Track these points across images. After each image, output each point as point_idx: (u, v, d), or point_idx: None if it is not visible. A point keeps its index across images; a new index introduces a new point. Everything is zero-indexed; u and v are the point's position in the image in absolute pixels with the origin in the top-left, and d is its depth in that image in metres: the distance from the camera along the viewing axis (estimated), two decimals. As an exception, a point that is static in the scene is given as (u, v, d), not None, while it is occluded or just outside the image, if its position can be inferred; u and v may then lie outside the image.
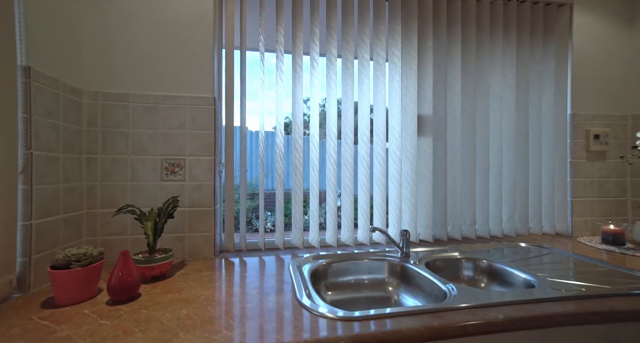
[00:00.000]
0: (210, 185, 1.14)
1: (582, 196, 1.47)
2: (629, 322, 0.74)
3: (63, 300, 0.72)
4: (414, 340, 0.62)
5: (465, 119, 1.39)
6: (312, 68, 1.26)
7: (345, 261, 1.12)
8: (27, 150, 0.80)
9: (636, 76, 1.48)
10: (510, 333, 0.68)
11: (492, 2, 1.41)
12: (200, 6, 1.13)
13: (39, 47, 0.84)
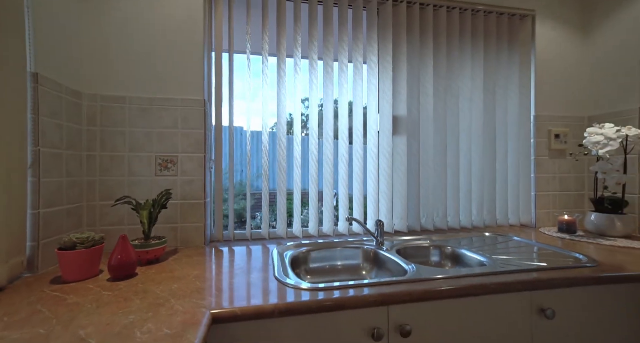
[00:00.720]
0: (201, 180, 1.24)
1: (545, 190, 1.61)
2: (551, 289, 0.86)
3: (69, 277, 0.82)
4: (369, 303, 0.74)
5: (437, 120, 1.52)
6: (295, 72, 1.37)
7: (324, 249, 1.24)
8: (35, 147, 0.90)
9: (592, 80, 1.62)
10: (450, 300, 0.80)
11: (461, 12, 1.54)
12: (191, 16, 1.23)
13: (45, 55, 0.94)
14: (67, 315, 0.63)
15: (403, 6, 1.46)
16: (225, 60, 1.33)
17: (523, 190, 1.62)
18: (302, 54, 1.38)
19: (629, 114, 1.45)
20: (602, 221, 1.36)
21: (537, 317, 0.86)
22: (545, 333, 0.86)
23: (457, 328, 0.81)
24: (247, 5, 1.33)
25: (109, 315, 0.64)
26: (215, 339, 0.68)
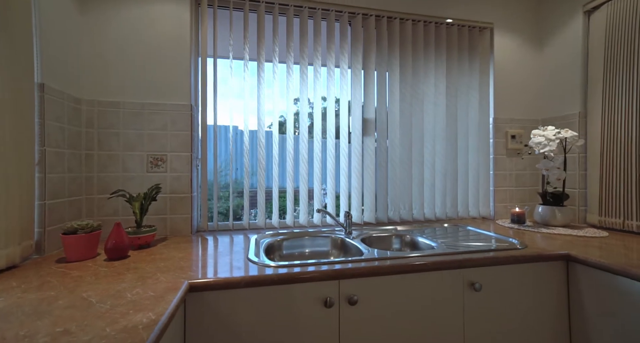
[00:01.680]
0: (188, 176, 1.39)
1: (502, 186, 1.78)
2: (480, 267, 1.03)
3: (72, 258, 0.97)
4: (323, 278, 0.90)
5: (404, 121, 1.68)
6: (273, 78, 1.53)
7: (298, 238, 1.40)
8: (42, 147, 1.04)
9: (544, 87, 1.79)
10: (392, 276, 0.96)
11: (426, 25, 1.70)
12: (178, 31, 1.38)
13: (50, 67, 1.08)
14: (72, 284, 0.78)
15: (372, 19, 1.61)
16: (222, 66, 1.48)
17: (483, 186, 1.78)
18: (280, 60, 1.54)
19: (572, 118, 1.62)
20: (546, 212, 1.53)
21: (468, 290, 1.02)
22: (474, 303, 1.02)
23: (399, 299, 0.97)
24: (230, 19, 1.48)
25: (106, 284, 0.79)
26: (193, 305, 0.83)
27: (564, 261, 1.11)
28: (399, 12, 1.63)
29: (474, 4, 1.73)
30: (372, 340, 0.94)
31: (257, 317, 0.87)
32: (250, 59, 1.50)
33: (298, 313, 0.89)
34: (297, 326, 0.89)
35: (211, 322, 0.84)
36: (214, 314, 0.84)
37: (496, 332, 1.04)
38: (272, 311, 0.88)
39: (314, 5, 1.53)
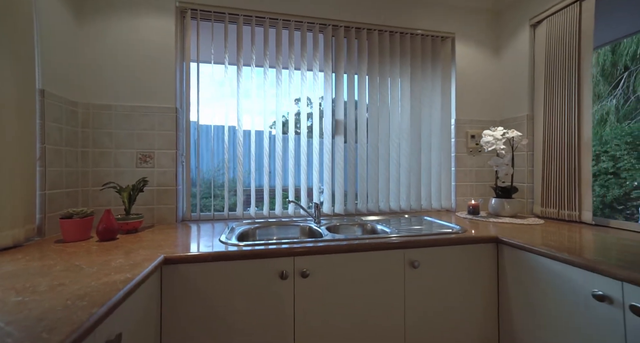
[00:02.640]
0: (173, 171, 1.56)
1: (463, 181, 1.95)
2: (419, 248, 1.20)
3: (68, 239, 1.14)
4: (280, 254, 1.06)
5: (372, 122, 1.85)
6: (251, 82, 1.69)
7: (271, 226, 1.57)
8: (42, 145, 1.21)
9: (500, 91, 1.96)
10: (341, 254, 1.13)
11: (392, 35, 1.87)
12: (165, 41, 1.55)
13: (49, 75, 1.25)
14: (67, 257, 0.95)
15: (342, 30, 1.78)
16: (206, 71, 1.64)
17: (445, 181, 1.95)
18: (266, 66, 1.70)
19: (522, 120, 1.79)
20: (497, 204, 1.70)
21: (408, 267, 1.19)
22: (413, 278, 1.19)
23: (347, 274, 1.14)
24: (211, 29, 1.65)
25: (95, 256, 0.96)
26: (169, 276, 1.00)
27: (494, 244, 1.28)
28: (366, 23, 1.80)
29: (436, 16, 1.90)
30: (322, 308, 1.11)
31: (223, 287, 1.04)
32: (230, 63, 1.67)
33: (259, 284, 1.06)
34: (258, 295, 1.06)
35: (184, 290, 1.01)
36: (186, 283, 1.01)
37: (433, 303, 1.21)
38: (237, 282, 1.05)
39: (288, 17, 1.70)
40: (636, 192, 4.32)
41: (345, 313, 1.13)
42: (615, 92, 5.00)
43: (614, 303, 0.85)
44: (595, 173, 5.04)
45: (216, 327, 1.03)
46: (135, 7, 1.52)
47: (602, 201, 4.97)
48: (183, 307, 1.01)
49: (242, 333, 1.05)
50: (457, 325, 1.23)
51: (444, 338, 1.22)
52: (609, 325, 0.87)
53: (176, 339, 1.00)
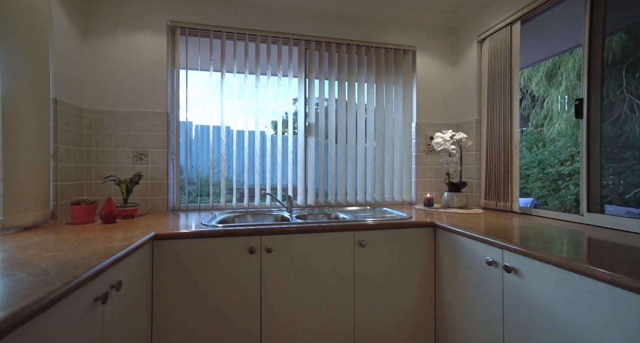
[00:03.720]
0: (164, 167, 1.81)
1: (423, 178, 2.21)
2: (367, 231, 1.45)
3: (76, 221, 1.39)
4: (249, 233, 1.32)
5: (340, 124, 2.11)
6: (233, 87, 1.94)
7: (249, 215, 1.82)
8: (55, 144, 1.46)
9: (456, 98, 2.22)
10: (300, 234, 1.38)
11: (359, 48, 2.12)
12: (158, 56, 1.79)
13: (60, 85, 1.50)
14: (78, 233, 1.20)
15: (313, 43, 2.04)
16: (194, 78, 1.89)
17: (406, 177, 2.21)
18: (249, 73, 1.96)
19: (472, 124, 2.05)
20: (448, 198, 1.96)
21: (357, 246, 1.45)
22: (362, 255, 1.45)
23: (306, 250, 1.39)
24: (198, 44, 1.90)
25: (100, 233, 1.21)
26: (159, 249, 1.25)
27: (432, 228, 1.54)
28: (336, 38, 2.05)
29: (400, 32, 2.16)
30: (283, 277, 1.37)
31: (204, 259, 1.29)
32: (215, 70, 1.92)
33: (231, 257, 1.32)
34: (231, 266, 1.32)
35: (170, 260, 1.26)
36: (172, 255, 1.27)
37: (378, 275, 1.47)
38: (213, 255, 1.30)
39: (265, 33, 1.95)
40: (605, 190, 4.60)
41: (303, 281, 1.39)
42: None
43: (497, 266, 1.12)
44: (570, 172, 5.33)
45: (195, 288, 1.28)
46: (132, 27, 1.77)
47: (576, 199, 5.26)
48: (170, 272, 1.26)
49: (216, 294, 1.30)
50: (399, 294, 1.49)
51: (388, 304, 1.48)
52: (494, 282, 1.13)
53: (164, 294, 1.26)
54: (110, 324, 0.90)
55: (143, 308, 1.17)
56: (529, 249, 0.99)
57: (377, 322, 1.46)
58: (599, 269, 0.78)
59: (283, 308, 1.37)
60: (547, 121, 5.93)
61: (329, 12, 2.04)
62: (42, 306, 0.60)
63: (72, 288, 0.69)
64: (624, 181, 3.56)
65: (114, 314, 0.93)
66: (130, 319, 1.06)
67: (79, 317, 0.75)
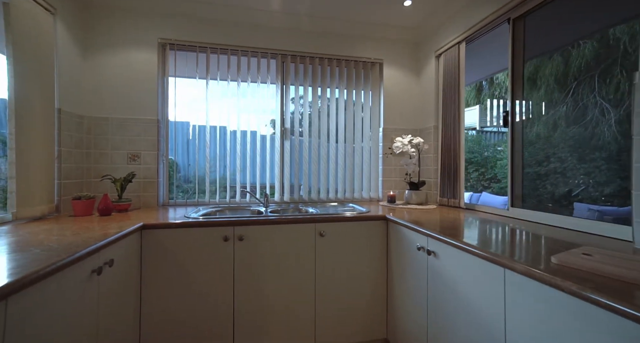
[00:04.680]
0: (155, 167, 2.05)
1: (389, 177, 2.45)
2: (327, 223, 1.70)
3: (77, 214, 1.63)
4: (223, 224, 1.56)
5: (313, 128, 2.34)
6: (217, 93, 2.18)
7: (229, 210, 2.06)
8: (59, 147, 1.70)
9: (419, 105, 2.46)
10: (268, 225, 1.62)
11: (330, 61, 2.36)
12: (149, 69, 2.03)
13: (63, 96, 1.73)
14: (79, 223, 1.44)
15: (289, 57, 2.27)
16: (184, 85, 2.12)
17: (374, 177, 2.46)
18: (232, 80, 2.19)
19: (431, 129, 2.29)
20: (408, 195, 2.20)
21: (318, 236, 1.69)
22: (322, 243, 1.69)
23: (272, 239, 1.63)
24: (185, 57, 2.13)
25: (97, 223, 1.45)
26: (147, 237, 1.49)
27: (384, 221, 1.78)
28: (310, 52, 2.29)
29: (368, 45, 2.39)
30: (253, 262, 1.61)
31: (185, 246, 1.53)
32: (200, 77, 2.16)
33: (209, 244, 1.56)
34: (208, 251, 1.56)
35: (157, 246, 1.50)
36: (159, 242, 1.51)
37: (337, 261, 1.71)
38: (193, 242, 1.54)
39: (245, 48, 2.19)
40: (576, 189, 4.84)
41: (270, 265, 1.63)
42: (566, 99, 5.55)
43: (424, 250, 1.36)
44: (546, 172, 5.56)
45: (178, 270, 1.52)
46: (126, 44, 2.00)
47: (552, 197, 5.50)
48: (156, 256, 1.50)
49: (196, 274, 1.54)
50: (356, 277, 1.73)
51: (346, 284, 1.72)
52: (422, 263, 1.37)
53: (151, 274, 1.50)
54: (104, 294, 1.14)
55: (132, 284, 1.41)
56: (443, 235, 1.23)
57: (336, 300, 1.71)
58: (483, 252, 1.03)
59: (253, 288, 1.61)
60: (528, 124, 6.19)
61: (303, 29, 2.27)
62: (54, 269, 0.84)
63: (73, 260, 0.93)
64: (593, 180, 3.80)
65: (107, 285, 1.17)
66: (122, 291, 1.30)
67: (80, 282, 0.99)
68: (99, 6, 1.96)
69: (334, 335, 1.70)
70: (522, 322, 0.88)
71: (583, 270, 0.80)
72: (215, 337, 1.56)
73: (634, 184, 1.03)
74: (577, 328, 0.73)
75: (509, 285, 0.92)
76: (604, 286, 0.69)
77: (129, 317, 1.37)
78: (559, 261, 0.86)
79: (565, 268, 0.82)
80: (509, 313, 0.92)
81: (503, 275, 0.94)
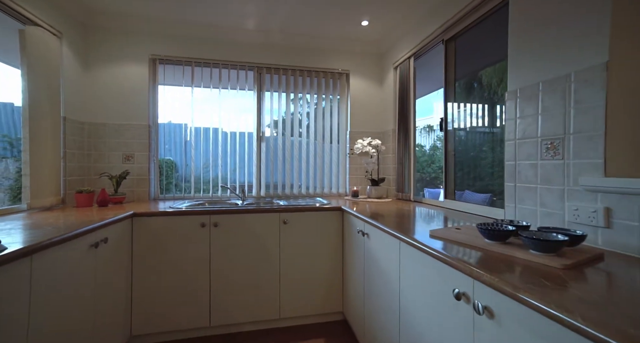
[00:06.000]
0: (146, 166, 2.37)
1: (355, 175, 2.76)
2: (291, 212, 2.00)
3: (80, 205, 1.95)
4: (202, 213, 1.87)
5: (286, 132, 2.65)
6: (200, 100, 2.49)
7: (211, 203, 2.37)
8: (64, 149, 2.01)
9: (381, 111, 2.76)
10: (240, 214, 1.94)
11: (302, 72, 2.67)
12: (141, 81, 2.35)
13: (68, 106, 2.05)
14: (81, 212, 1.76)
15: (264, 69, 2.58)
16: (174, 93, 2.44)
17: (341, 174, 2.76)
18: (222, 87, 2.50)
19: (390, 132, 2.60)
20: (369, 190, 2.51)
21: (282, 223, 2.00)
22: (285, 230, 2.00)
23: (243, 226, 1.94)
24: (173, 70, 2.45)
25: (96, 212, 1.76)
26: (138, 224, 1.80)
27: (340, 211, 2.08)
28: (283, 64, 2.60)
29: (336, 59, 2.70)
30: (226, 244, 1.92)
31: (169, 231, 1.84)
32: (185, 85, 2.47)
33: (188, 229, 1.87)
34: (188, 235, 1.87)
35: (146, 231, 1.82)
36: (147, 227, 1.82)
37: (298, 244, 2.02)
38: (175, 228, 1.85)
39: (226, 62, 2.50)
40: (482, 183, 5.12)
41: (241, 248, 1.94)
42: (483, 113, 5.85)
43: (361, 233, 1.67)
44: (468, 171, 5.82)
45: (163, 251, 1.84)
46: (121, 60, 2.32)
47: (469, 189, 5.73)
48: (145, 239, 1.82)
49: (178, 254, 1.85)
50: (315, 259, 2.04)
51: (307, 265, 2.03)
52: (361, 244, 1.68)
53: (140, 254, 1.81)
54: (100, 264, 1.46)
55: (125, 259, 1.73)
56: (372, 220, 1.53)
57: (298, 278, 2.02)
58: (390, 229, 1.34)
59: (225, 267, 1.92)
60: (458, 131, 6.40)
61: (277, 44, 2.58)
62: (62, 239, 1.15)
63: (76, 234, 1.24)
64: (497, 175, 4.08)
65: (103, 258, 1.48)
66: (115, 264, 1.61)
67: (81, 252, 1.30)
68: (97, 28, 2.27)
69: (296, 308, 2.02)
70: (408, 277, 1.19)
71: (449, 238, 1.11)
72: (194, 305, 1.87)
73: (506, 177, 1.34)
74: (435, 275, 1.03)
75: (402, 252, 1.23)
76: (447, 247, 1.00)
77: (121, 284, 1.69)
78: (433, 233, 1.16)
79: (436, 238, 1.12)
80: (402, 272, 1.23)
81: (399, 246, 1.25)
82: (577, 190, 1.04)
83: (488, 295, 0.76)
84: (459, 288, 0.86)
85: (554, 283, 0.68)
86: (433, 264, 1.01)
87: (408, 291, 1.18)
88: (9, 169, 2.89)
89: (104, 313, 1.49)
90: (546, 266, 0.78)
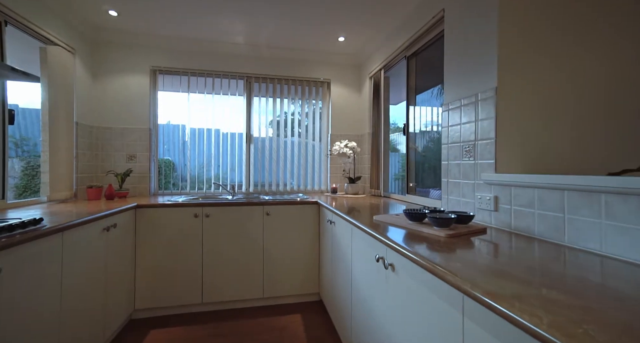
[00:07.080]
0: (147, 165, 2.67)
1: (336, 173, 3.06)
2: (272, 206, 2.31)
3: (90, 199, 2.25)
4: (195, 206, 2.17)
5: (274, 135, 2.95)
6: (195, 105, 2.79)
7: (204, 198, 2.68)
8: (76, 150, 2.31)
9: (358, 117, 3.07)
10: (229, 207, 2.24)
11: (287, 80, 2.97)
12: (143, 89, 2.65)
13: (79, 112, 2.35)
14: (92, 204, 2.06)
15: (253, 78, 2.88)
16: (172, 99, 2.74)
17: (324, 173, 3.07)
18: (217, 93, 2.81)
19: (366, 136, 2.90)
20: (347, 187, 2.81)
21: (265, 215, 2.30)
22: (268, 221, 2.30)
23: (231, 217, 2.24)
24: (171, 79, 2.75)
25: (104, 204, 2.06)
26: (140, 214, 2.10)
27: (317, 205, 2.38)
28: (270, 74, 2.90)
29: (318, 68, 3.00)
30: (217, 233, 2.22)
31: (167, 220, 2.14)
32: (182, 91, 2.77)
33: (183, 219, 2.17)
34: (183, 224, 2.17)
35: (147, 220, 2.12)
36: (149, 217, 2.12)
37: (279, 232, 2.32)
38: (172, 218, 2.15)
39: (218, 72, 2.81)
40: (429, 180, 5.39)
41: (229, 235, 2.24)
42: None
43: (330, 223, 1.97)
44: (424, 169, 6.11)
45: (161, 236, 2.14)
46: (125, 70, 2.62)
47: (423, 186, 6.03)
48: (146, 227, 2.12)
49: (175, 240, 2.15)
50: (295, 246, 2.34)
51: (287, 252, 2.33)
52: (330, 232, 1.98)
53: (142, 239, 2.11)
54: (111, 245, 1.76)
55: (130, 244, 2.03)
56: (337, 210, 1.83)
57: (279, 262, 2.32)
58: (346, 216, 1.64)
59: (216, 251, 2.22)
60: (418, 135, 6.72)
61: (265, 56, 2.88)
62: (82, 221, 1.45)
63: (93, 219, 1.55)
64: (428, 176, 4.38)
65: (113, 240, 1.79)
66: (123, 246, 1.91)
67: (96, 233, 1.61)
68: (105, 43, 2.58)
69: (277, 288, 2.32)
70: (355, 252, 1.49)
71: (386, 222, 1.40)
72: (188, 284, 2.17)
73: (442, 174, 1.64)
74: (367, 246, 1.34)
75: (354, 235, 1.53)
76: (380, 227, 1.30)
77: (127, 263, 1.99)
78: (377, 219, 1.46)
79: (378, 222, 1.42)
80: (353, 250, 1.53)
81: (351, 230, 1.55)
82: (481, 184, 1.35)
83: (393, 256, 1.06)
84: (379, 253, 1.16)
85: (436, 247, 0.98)
86: (367, 239, 1.31)
87: (355, 264, 1.48)
88: (15, 168, 3.20)
89: (114, 284, 1.79)
90: (437, 237, 1.09)
